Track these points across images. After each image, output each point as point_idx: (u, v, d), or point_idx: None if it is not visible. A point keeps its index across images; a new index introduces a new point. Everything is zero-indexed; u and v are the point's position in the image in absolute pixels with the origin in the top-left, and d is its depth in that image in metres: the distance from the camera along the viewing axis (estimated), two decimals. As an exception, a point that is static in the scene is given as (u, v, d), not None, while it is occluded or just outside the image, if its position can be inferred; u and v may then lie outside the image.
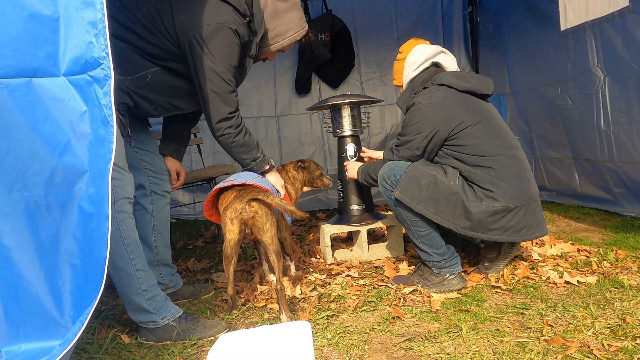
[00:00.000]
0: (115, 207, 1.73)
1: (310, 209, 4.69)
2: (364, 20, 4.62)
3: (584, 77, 3.28)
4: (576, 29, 3.26)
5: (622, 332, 1.59)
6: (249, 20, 1.98)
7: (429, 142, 2.13)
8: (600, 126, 3.22)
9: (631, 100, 2.93)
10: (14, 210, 1.15)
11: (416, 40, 2.45)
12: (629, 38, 2.84)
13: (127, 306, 1.83)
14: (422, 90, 2.24)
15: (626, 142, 3.03)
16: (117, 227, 1.74)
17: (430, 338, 1.68)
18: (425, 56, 2.31)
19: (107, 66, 1.18)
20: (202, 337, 1.84)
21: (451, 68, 2.34)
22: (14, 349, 1.18)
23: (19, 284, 1.17)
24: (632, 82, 2.89)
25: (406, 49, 2.40)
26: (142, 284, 1.79)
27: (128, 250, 1.76)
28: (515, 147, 2.15)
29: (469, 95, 2.17)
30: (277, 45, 2.13)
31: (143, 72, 1.94)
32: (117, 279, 1.78)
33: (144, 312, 1.82)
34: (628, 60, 2.88)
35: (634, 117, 2.94)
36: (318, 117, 4.68)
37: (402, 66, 2.38)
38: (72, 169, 1.19)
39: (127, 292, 1.78)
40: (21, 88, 1.15)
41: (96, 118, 1.18)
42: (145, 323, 1.83)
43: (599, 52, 3.12)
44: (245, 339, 1.37)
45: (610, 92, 3.09)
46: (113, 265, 1.75)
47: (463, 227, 2.05)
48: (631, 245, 2.56)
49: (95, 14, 1.17)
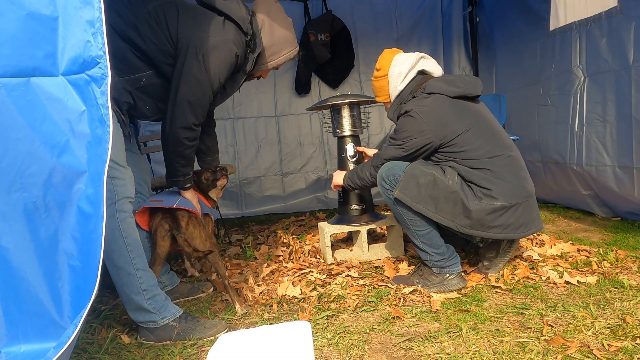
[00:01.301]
0: (116, 206, 1.74)
1: (311, 209, 4.69)
2: (364, 21, 4.62)
3: (565, 77, 3.28)
4: (564, 29, 3.26)
5: (622, 332, 1.59)
6: (250, 39, 2.02)
7: (419, 150, 2.13)
8: (574, 127, 3.22)
9: (607, 102, 2.92)
10: (13, 211, 1.15)
11: (390, 51, 2.39)
12: (614, 39, 2.83)
13: (127, 306, 1.83)
14: (411, 99, 2.21)
15: (598, 144, 3.03)
16: (118, 226, 1.74)
17: (430, 338, 1.68)
18: (409, 65, 2.26)
19: (104, 65, 1.18)
20: (202, 337, 1.84)
21: (437, 72, 2.30)
22: (13, 350, 1.18)
23: (18, 285, 1.17)
24: (611, 84, 2.88)
25: (384, 63, 2.34)
26: (143, 284, 1.79)
27: (128, 249, 1.76)
28: (509, 146, 2.15)
29: (461, 100, 2.15)
30: (272, 62, 2.17)
31: (138, 75, 1.95)
32: (117, 278, 1.78)
33: (144, 311, 1.82)
34: (610, 62, 2.87)
35: (608, 119, 2.93)
36: (318, 117, 4.68)
37: (385, 82, 2.33)
38: (71, 169, 1.18)
39: (127, 292, 1.78)
40: (19, 88, 1.14)
41: (94, 118, 1.18)
42: (145, 323, 1.83)
43: (582, 52, 3.12)
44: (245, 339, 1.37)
45: (588, 94, 3.09)
46: (113, 264, 1.75)
47: (463, 226, 2.05)
48: (631, 245, 2.55)
49: (93, 13, 1.17)
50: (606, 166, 2.97)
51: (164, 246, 2.11)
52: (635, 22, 2.64)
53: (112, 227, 1.74)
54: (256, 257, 2.94)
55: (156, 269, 2.13)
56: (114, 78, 1.77)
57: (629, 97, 2.73)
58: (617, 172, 2.91)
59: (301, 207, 4.72)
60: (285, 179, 4.73)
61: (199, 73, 1.91)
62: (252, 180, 4.68)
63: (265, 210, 4.69)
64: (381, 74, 2.35)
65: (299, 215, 4.38)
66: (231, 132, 4.60)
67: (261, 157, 4.68)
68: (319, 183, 4.77)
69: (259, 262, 2.83)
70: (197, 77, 1.91)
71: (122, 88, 1.89)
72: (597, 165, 3.05)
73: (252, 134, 4.66)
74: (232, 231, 3.91)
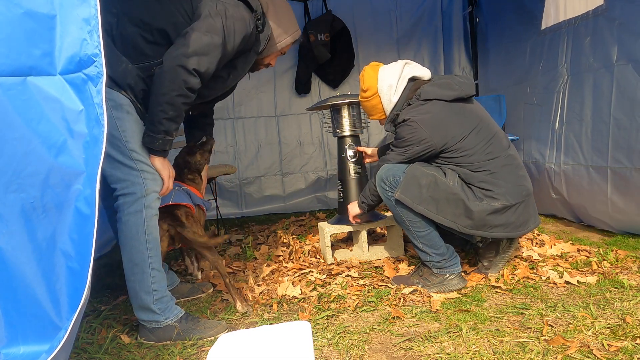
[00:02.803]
0: (145, 201, 1.73)
1: (311, 209, 4.69)
2: (364, 20, 4.61)
3: (550, 76, 3.28)
4: (553, 28, 3.26)
5: (622, 332, 1.59)
6: (259, 18, 1.98)
7: (420, 157, 2.12)
8: (555, 126, 3.22)
9: (585, 101, 2.93)
10: (10, 211, 1.15)
11: (370, 67, 2.33)
12: (597, 38, 2.83)
13: (133, 302, 1.82)
14: (407, 106, 2.18)
15: (574, 143, 3.03)
16: (144, 222, 1.73)
17: (430, 338, 1.68)
18: (397, 75, 2.22)
19: (100, 63, 1.17)
20: (202, 337, 1.84)
21: (426, 75, 2.24)
22: (12, 351, 1.18)
23: (17, 287, 1.16)
24: (590, 83, 2.88)
25: (371, 82, 2.27)
26: (154, 284, 1.79)
27: (148, 247, 1.76)
28: (507, 146, 2.15)
29: (458, 102, 2.13)
30: (281, 43, 2.14)
31: (148, 63, 1.85)
32: (130, 274, 1.78)
33: (149, 311, 1.82)
34: (591, 61, 2.87)
35: (584, 118, 2.94)
36: (318, 117, 4.68)
37: (376, 100, 2.28)
38: (69, 169, 1.18)
39: (138, 289, 1.78)
40: (16, 87, 1.14)
41: (91, 117, 1.17)
42: (147, 322, 1.83)
43: (568, 51, 3.12)
44: (245, 339, 1.37)
45: (569, 93, 3.09)
46: (130, 260, 1.76)
47: (464, 226, 2.05)
48: (631, 245, 2.55)
49: (89, 10, 1.17)
50: (581, 165, 2.98)
51: (162, 246, 2.07)
52: (619, 20, 2.64)
53: (137, 224, 1.72)
54: (256, 257, 2.94)
55: None
56: (128, 65, 1.75)
57: (609, 96, 2.73)
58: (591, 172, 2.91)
59: (301, 207, 4.72)
60: (285, 179, 4.73)
61: (214, 23, 1.79)
62: (252, 180, 4.68)
63: (265, 210, 4.69)
64: (370, 93, 2.29)
65: (299, 215, 4.38)
66: (231, 132, 4.60)
67: (261, 157, 4.68)
68: (319, 183, 4.77)
69: (259, 262, 2.83)
70: (213, 26, 1.79)
71: (136, 75, 1.78)
72: (573, 164, 3.05)
73: (252, 134, 4.66)
74: (232, 231, 3.91)
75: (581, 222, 3.17)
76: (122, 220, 1.75)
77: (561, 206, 3.30)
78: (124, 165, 1.71)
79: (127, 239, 1.75)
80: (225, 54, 1.86)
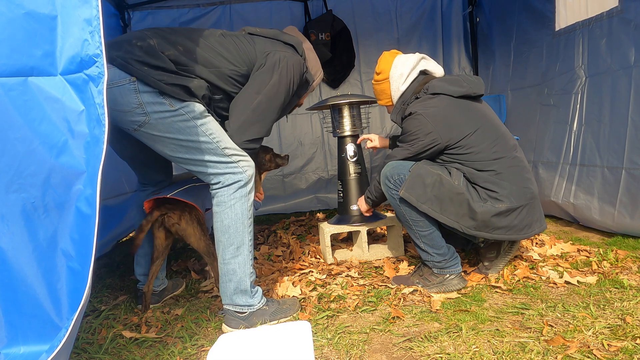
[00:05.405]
0: (247, 187, 1.82)
1: (310, 208, 4.69)
2: (364, 20, 4.61)
3: (567, 78, 3.27)
4: (568, 29, 3.26)
5: (622, 332, 1.59)
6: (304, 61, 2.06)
7: (426, 151, 2.12)
8: (572, 127, 3.22)
9: (604, 103, 2.92)
10: (11, 211, 1.15)
11: (389, 53, 2.39)
12: (613, 39, 2.82)
13: (229, 287, 1.85)
14: (414, 100, 2.20)
15: (592, 144, 3.03)
16: (247, 207, 1.83)
17: (430, 338, 1.68)
18: (410, 66, 2.27)
19: (101, 64, 1.18)
20: (285, 317, 1.94)
21: (439, 73, 2.30)
22: (13, 351, 1.18)
23: (18, 287, 1.16)
24: (608, 84, 2.88)
25: (385, 66, 2.34)
26: (252, 266, 1.88)
27: (248, 230, 1.84)
28: (513, 147, 2.15)
29: (465, 100, 2.14)
30: (314, 83, 2.22)
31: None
32: (230, 257, 1.83)
33: (246, 294, 1.86)
34: (609, 62, 2.87)
35: (602, 119, 2.93)
36: (318, 117, 4.68)
37: (387, 85, 2.33)
38: (70, 169, 1.18)
39: (240, 273, 1.83)
40: (17, 87, 1.14)
41: (92, 117, 1.18)
42: (241, 307, 1.87)
43: (584, 53, 3.11)
44: (245, 339, 1.38)
45: (587, 94, 3.09)
46: (231, 243, 1.82)
47: (467, 227, 2.05)
48: (631, 245, 2.55)
49: (91, 11, 1.17)
50: (597, 167, 2.97)
51: (160, 237, 2.11)
52: (635, 22, 2.64)
53: (243, 207, 1.82)
54: (256, 257, 2.94)
55: (155, 262, 2.14)
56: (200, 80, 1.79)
57: (627, 97, 2.72)
58: (605, 173, 2.90)
59: (301, 207, 4.72)
60: (285, 179, 4.73)
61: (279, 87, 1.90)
62: (252, 180, 4.67)
63: (265, 210, 4.69)
64: (382, 77, 2.35)
65: (299, 215, 4.38)
66: (231, 132, 4.59)
67: (261, 157, 4.68)
68: (319, 183, 4.76)
69: (259, 262, 2.83)
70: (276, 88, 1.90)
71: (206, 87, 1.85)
72: (589, 165, 3.05)
73: (252, 134, 4.65)
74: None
75: (582, 224, 3.16)
76: (227, 205, 1.81)
77: (565, 207, 3.29)
78: (221, 163, 1.80)
79: (232, 222, 1.82)
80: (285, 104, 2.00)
